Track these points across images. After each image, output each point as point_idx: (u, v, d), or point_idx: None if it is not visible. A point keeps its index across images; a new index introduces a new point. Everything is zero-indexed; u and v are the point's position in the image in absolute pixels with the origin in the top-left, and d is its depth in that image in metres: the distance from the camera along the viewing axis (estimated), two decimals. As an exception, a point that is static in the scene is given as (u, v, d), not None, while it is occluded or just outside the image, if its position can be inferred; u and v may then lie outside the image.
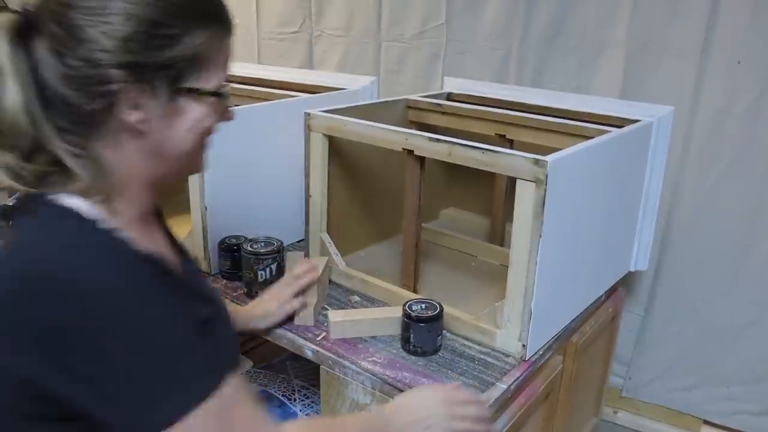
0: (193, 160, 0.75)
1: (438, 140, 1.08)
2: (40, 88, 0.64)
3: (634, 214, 1.36)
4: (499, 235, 1.47)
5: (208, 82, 0.70)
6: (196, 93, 0.69)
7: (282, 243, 1.26)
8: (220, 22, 0.70)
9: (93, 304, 0.59)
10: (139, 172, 0.70)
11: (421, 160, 1.15)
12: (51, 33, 0.63)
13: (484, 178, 1.59)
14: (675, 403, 1.74)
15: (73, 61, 0.63)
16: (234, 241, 1.33)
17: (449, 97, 1.60)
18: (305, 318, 1.15)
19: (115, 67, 0.63)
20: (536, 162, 0.97)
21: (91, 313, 0.59)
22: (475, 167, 1.05)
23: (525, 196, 0.99)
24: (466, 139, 1.07)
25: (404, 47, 1.89)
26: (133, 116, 0.66)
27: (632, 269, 1.43)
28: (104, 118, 0.66)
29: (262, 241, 1.27)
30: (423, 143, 1.10)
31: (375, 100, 1.47)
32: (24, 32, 0.63)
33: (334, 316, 1.12)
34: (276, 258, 1.24)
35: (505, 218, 1.46)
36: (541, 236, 0.99)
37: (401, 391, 0.99)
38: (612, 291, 1.39)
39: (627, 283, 1.60)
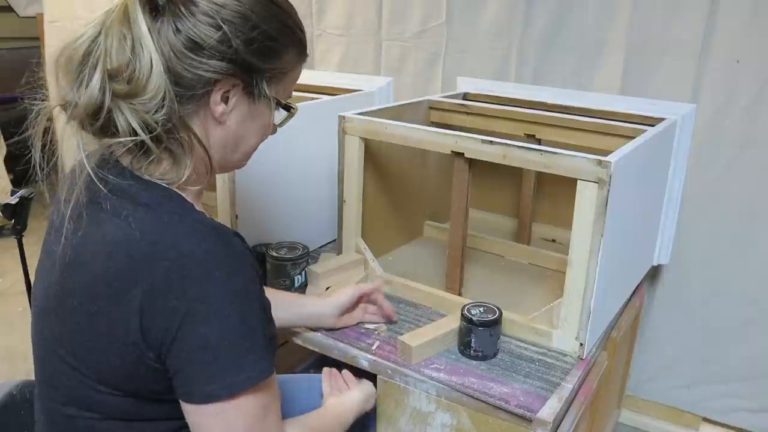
0: (245, 159, 0.84)
1: (492, 142, 1.08)
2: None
3: (659, 210, 1.40)
4: (526, 235, 1.48)
5: (284, 95, 0.81)
6: (275, 102, 0.79)
7: (304, 244, 1.26)
8: (304, 48, 0.81)
9: (199, 272, 0.66)
10: (208, 158, 0.76)
11: (470, 162, 1.14)
12: (177, 13, 0.68)
13: (501, 178, 1.61)
14: (674, 400, 1.76)
15: (192, 45, 0.69)
16: (265, 249, 1.29)
17: (465, 96, 1.60)
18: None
19: (226, 61, 0.70)
20: (599, 163, 0.97)
21: (196, 279, 0.66)
22: (532, 169, 1.05)
23: (586, 196, 1.00)
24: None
25: (404, 46, 1.87)
26: (219, 107, 0.73)
27: (655, 263, 1.46)
28: (200, 102, 0.72)
29: (285, 247, 1.25)
30: (475, 146, 1.09)
31: (400, 102, 1.45)
32: (153, 8, 0.68)
33: (410, 339, 1.06)
34: (308, 261, 1.24)
35: (531, 217, 1.47)
36: (602, 236, 1.00)
37: (471, 397, 0.99)
38: (638, 285, 1.42)
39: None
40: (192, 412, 0.70)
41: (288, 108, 0.84)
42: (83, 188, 0.70)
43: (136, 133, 0.68)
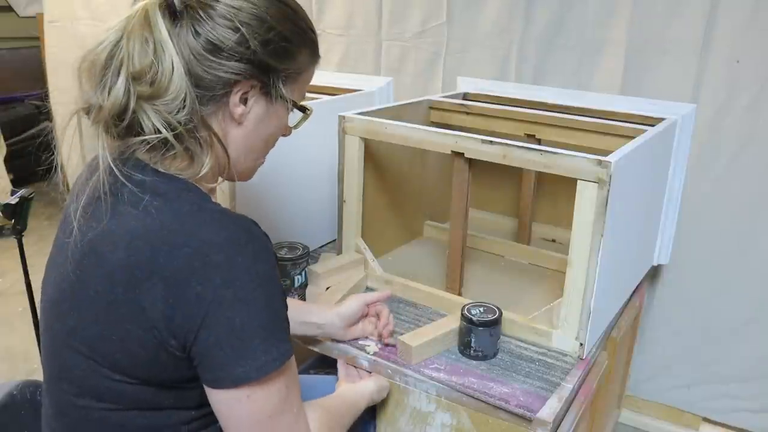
0: (259, 159, 0.85)
1: (492, 142, 1.08)
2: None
3: (659, 210, 1.40)
4: (526, 235, 1.48)
5: (299, 96, 0.83)
6: (291, 103, 0.81)
7: (304, 244, 1.25)
8: (317, 49, 0.84)
9: (221, 258, 0.67)
10: (226, 157, 0.77)
11: (470, 162, 1.14)
12: (195, 17, 0.70)
13: (501, 178, 1.61)
14: (674, 400, 1.76)
15: (211, 47, 0.71)
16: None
17: (465, 96, 1.60)
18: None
19: (245, 62, 0.73)
20: (599, 163, 0.97)
21: (219, 266, 0.66)
22: (532, 169, 1.05)
23: (586, 196, 1.00)
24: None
25: (405, 46, 1.87)
26: (238, 108, 0.75)
27: (655, 263, 1.46)
28: (219, 103, 0.74)
29: (285, 247, 1.24)
30: (475, 146, 1.09)
31: (400, 102, 1.45)
32: (172, 13, 0.70)
33: (410, 339, 1.06)
34: (308, 261, 1.23)
35: (531, 217, 1.48)
36: (602, 236, 1.00)
37: (471, 397, 0.99)
38: (638, 285, 1.42)
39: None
40: (220, 399, 0.70)
41: (303, 109, 0.86)
42: (101, 181, 0.71)
43: (159, 132, 0.69)
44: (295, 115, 0.87)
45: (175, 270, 0.66)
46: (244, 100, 0.76)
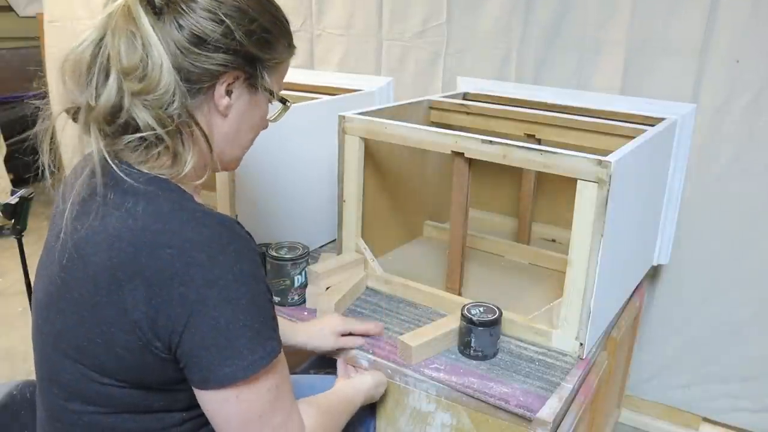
0: (242, 153, 0.85)
1: (492, 142, 1.08)
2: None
3: (658, 210, 1.40)
4: (526, 235, 1.48)
5: (278, 87, 0.84)
6: (271, 94, 0.82)
7: (304, 244, 1.25)
8: (292, 40, 0.84)
9: (204, 257, 0.67)
10: (210, 151, 0.77)
11: (470, 162, 1.14)
12: (178, 11, 0.70)
13: (501, 178, 1.61)
14: (674, 400, 1.76)
15: (196, 40, 0.71)
16: (265, 249, 1.29)
17: (465, 96, 1.60)
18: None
19: (231, 54, 0.73)
20: (599, 163, 0.97)
21: (202, 265, 0.66)
22: (532, 168, 1.05)
23: (586, 196, 1.00)
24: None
25: (405, 46, 1.87)
26: (224, 100, 0.76)
27: (655, 263, 1.46)
28: (205, 96, 0.74)
29: (285, 247, 1.24)
30: (475, 145, 1.09)
31: (400, 102, 1.45)
32: (153, 7, 0.70)
33: (410, 339, 1.06)
34: (308, 261, 1.24)
35: (531, 217, 1.48)
36: (602, 236, 1.00)
37: (471, 397, 0.99)
38: (638, 285, 1.42)
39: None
40: (208, 399, 0.70)
41: (284, 101, 0.87)
42: (85, 184, 0.71)
43: (153, 129, 0.69)
44: (274, 108, 0.88)
45: (157, 270, 0.66)
46: (228, 93, 0.76)
